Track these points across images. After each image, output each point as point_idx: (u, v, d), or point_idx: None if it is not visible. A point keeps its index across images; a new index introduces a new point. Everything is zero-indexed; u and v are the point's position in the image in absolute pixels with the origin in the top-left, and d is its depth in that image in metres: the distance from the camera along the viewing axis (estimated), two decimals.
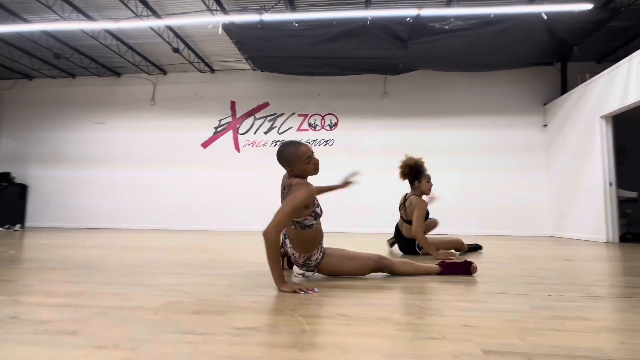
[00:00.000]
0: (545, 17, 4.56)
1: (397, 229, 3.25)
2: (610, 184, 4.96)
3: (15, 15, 5.53)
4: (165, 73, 7.61)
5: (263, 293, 1.61)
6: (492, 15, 4.64)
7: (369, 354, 0.92)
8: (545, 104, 6.54)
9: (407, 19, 4.76)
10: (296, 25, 4.99)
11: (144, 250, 3.40)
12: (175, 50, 6.12)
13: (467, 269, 2.05)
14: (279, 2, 4.85)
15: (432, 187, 3.18)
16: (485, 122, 6.67)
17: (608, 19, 4.76)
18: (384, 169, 6.83)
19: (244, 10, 5.06)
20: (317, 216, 1.87)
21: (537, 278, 2.07)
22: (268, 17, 4.81)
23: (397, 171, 3.29)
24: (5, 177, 7.62)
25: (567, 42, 5.29)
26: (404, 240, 3.16)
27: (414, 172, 3.20)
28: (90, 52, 6.79)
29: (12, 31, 5.76)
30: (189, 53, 6.62)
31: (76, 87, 7.91)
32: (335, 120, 7.10)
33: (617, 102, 4.69)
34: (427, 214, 3.19)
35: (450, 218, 6.30)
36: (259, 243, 1.79)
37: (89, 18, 5.58)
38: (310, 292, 1.56)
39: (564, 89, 6.14)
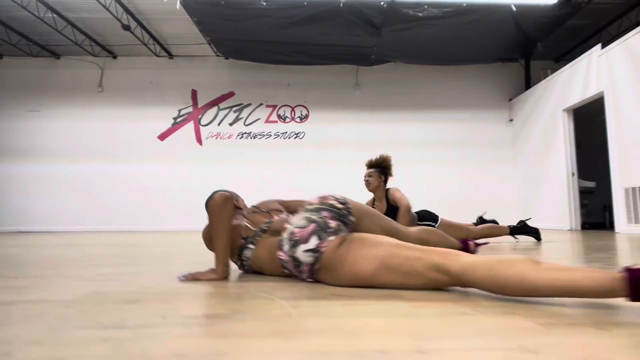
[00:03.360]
0: (514, 8, 4.63)
1: None
2: (573, 174, 5.14)
3: None
4: (115, 57, 6.86)
5: (226, 282, 1.27)
6: (464, 4, 4.62)
7: (389, 336, 0.64)
8: (510, 99, 6.73)
9: (382, 3, 4.59)
10: (264, 4, 4.63)
11: (83, 247, 2.86)
12: (126, 27, 5.46)
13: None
14: None
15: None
16: (455, 116, 6.72)
17: (570, 15, 4.94)
18: (356, 162, 6.65)
19: None
20: None
21: None
22: None
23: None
24: None
25: (532, 37, 5.44)
26: None
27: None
28: (20, 27, 5.88)
29: None
30: (142, 34, 5.98)
31: (3, 69, 6.88)
32: (306, 112, 6.81)
33: (578, 95, 4.87)
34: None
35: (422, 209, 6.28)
36: None
37: None
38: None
39: (528, 85, 6.35)
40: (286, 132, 6.71)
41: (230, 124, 6.75)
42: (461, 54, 5.91)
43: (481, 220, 3.05)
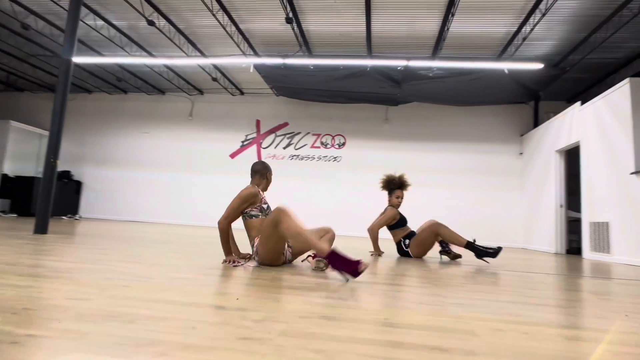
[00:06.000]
0: (506, 71, 5.76)
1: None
2: (561, 206, 6.06)
3: (90, 49, 7.06)
4: (202, 93, 9.09)
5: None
6: (465, 68, 5.87)
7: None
8: (521, 135, 7.66)
9: (399, 67, 6.03)
10: (311, 67, 6.34)
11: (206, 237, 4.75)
12: (214, 79, 7.57)
13: (353, 270, 1.90)
14: (298, 51, 6.21)
15: (401, 201, 3.94)
16: (470, 148, 7.84)
17: (560, 74, 5.92)
18: None
19: (271, 55, 6.46)
20: (262, 210, 2.43)
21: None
22: (290, 61, 6.17)
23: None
24: (66, 174, 9.21)
25: (532, 88, 6.44)
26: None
27: (388, 186, 4.02)
28: (144, 76, 8.33)
29: (90, 62, 7.33)
30: (224, 80, 8.07)
31: (128, 102, 9.48)
32: (344, 140, 8.40)
33: (565, 140, 5.83)
34: (402, 221, 3.85)
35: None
36: None
37: (149, 54, 7.08)
38: (240, 263, 2.26)
39: (536, 123, 7.27)
40: (327, 156, 8.36)
41: (284, 148, 8.59)
42: (473, 99, 7.05)
43: (471, 245, 3.41)
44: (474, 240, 3.45)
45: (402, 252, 3.79)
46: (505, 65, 5.69)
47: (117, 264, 2.04)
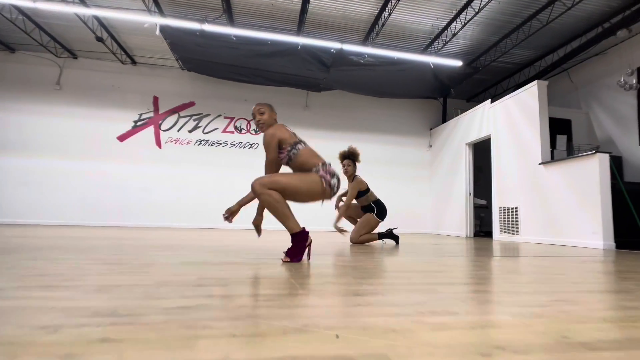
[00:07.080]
0: (432, 65, 5.97)
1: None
2: (470, 194, 6.67)
3: None
4: (75, 57, 7.05)
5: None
6: (395, 58, 5.86)
7: None
8: (431, 129, 8.22)
9: (332, 50, 5.64)
10: (234, 38, 5.42)
11: (84, 239, 3.45)
12: (99, 39, 5.86)
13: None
14: (220, 16, 5.22)
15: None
16: (385, 139, 8.05)
17: (472, 73, 6.46)
18: None
19: (184, 17, 5.28)
20: (296, 144, 2.20)
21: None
22: (209, 27, 5.13)
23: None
24: None
25: (446, 84, 6.90)
26: None
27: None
28: None
29: None
30: (112, 43, 6.36)
31: None
32: None
33: (475, 134, 6.39)
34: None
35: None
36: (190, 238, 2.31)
37: None
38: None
39: (444, 119, 7.87)
40: (242, 142, 7.48)
41: (190, 131, 7.34)
42: (393, 90, 7.20)
43: (388, 232, 4.17)
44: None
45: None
46: (431, 59, 5.88)
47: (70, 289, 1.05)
